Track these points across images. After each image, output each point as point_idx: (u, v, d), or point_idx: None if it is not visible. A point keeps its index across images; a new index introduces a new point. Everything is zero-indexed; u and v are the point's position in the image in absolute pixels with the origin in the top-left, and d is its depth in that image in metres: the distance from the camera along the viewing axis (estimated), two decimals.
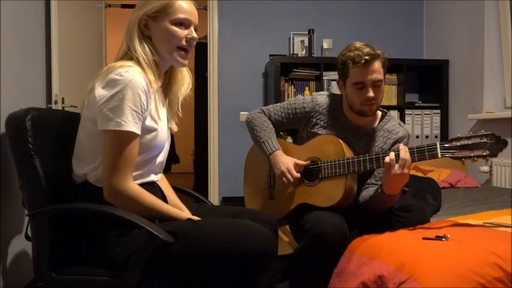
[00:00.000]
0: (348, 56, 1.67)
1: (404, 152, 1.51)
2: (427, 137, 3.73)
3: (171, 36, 1.36)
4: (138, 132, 1.27)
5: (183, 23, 1.37)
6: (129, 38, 1.36)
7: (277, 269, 1.36)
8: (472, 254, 1.20)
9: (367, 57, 1.63)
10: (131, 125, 1.24)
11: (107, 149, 1.26)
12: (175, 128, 1.51)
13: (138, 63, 1.33)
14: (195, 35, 1.40)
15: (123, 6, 4.48)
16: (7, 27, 1.89)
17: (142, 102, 1.26)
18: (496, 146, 1.38)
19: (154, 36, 1.37)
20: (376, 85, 1.67)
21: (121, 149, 1.24)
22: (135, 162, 1.29)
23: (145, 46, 1.35)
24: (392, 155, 1.53)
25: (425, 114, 3.74)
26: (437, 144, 1.47)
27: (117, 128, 1.23)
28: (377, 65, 1.65)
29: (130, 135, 1.25)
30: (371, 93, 1.66)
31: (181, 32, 1.37)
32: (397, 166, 1.50)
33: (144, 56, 1.33)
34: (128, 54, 1.35)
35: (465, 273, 1.12)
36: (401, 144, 1.66)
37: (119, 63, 1.31)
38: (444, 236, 1.35)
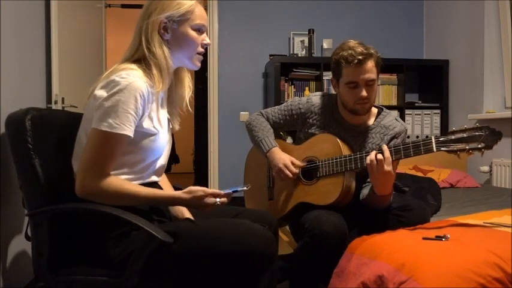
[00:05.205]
0: (341, 56, 1.67)
1: (384, 150, 1.54)
2: (427, 137, 3.72)
3: (191, 42, 1.38)
4: (130, 134, 1.26)
5: (201, 29, 1.39)
6: (146, 40, 1.34)
7: (277, 269, 1.36)
8: (472, 254, 1.20)
9: (360, 57, 1.63)
10: (124, 127, 1.24)
11: (91, 146, 1.25)
12: (177, 127, 1.52)
13: (146, 66, 1.33)
14: (209, 40, 1.43)
15: (123, 6, 4.50)
16: (7, 27, 1.89)
17: (138, 106, 1.26)
18: (491, 138, 1.37)
19: (173, 40, 1.37)
20: (369, 84, 1.67)
21: (105, 150, 1.24)
22: (114, 163, 1.27)
23: (164, 50, 1.35)
24: (372, 155, 1.54)
25: (425, 114, 3.74)
26: (433, 138, 1.47)
27: (108, 130, 1.23)
28: (370, 64, 1.65)
29: (119, 138, 1.24)
30: (364, 93, 1.67)
31: (199, 38, 1.39)
32: (378, 165, 1.53)
33: (163, 60, 1.33)
34: (137, 55, 1.35)
35: (465, 273, 1.12)
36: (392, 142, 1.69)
37: (123, 66, 1.31)
38: (444, 236, 1.35)
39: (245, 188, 1.42)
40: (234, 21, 3.88)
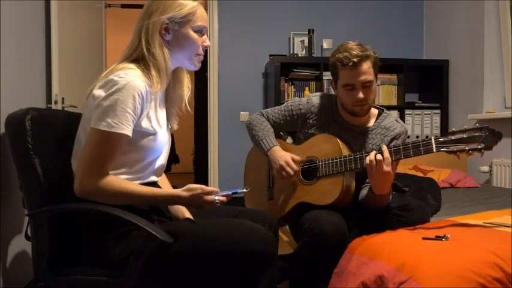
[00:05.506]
0: (337, 58, 1.68)
1: (383, 150, 1.54)
2: (427, 137, 3.73)
3: (192, 44, 1.38)
4: (129, 133, 1.26)
5: (202, 31, 1.39)
6: (146, 41, 1.33)
7: (277, 269, 1.36)
8: (472, 254, 1.20)
9: (355, 60, 1.63)
10: (122, 127, 1.23)
11: (90, 145, 1.25)
12: (175, 126, 1.51)
13: (144, 66, 1.32)
14: (209, 42, 1.43)
15: (123, 6, 4.50)
16: (7, 27, 1.89)
17: (136, 106, 1.26)
18: (490, 139, 1.37)
19: (174, 41, 1.37)
20: (366, 86, 1.67)
21: (104, 149, 1.24)
22: (113, 162, 1.27)
23: (164, 51, 1.34)
24: (372, 155, 1.55)
25: (425, 114, 3.74)
26: (432, 139, 1.47)
27: (107, 129, 1.23)
28: (366, 66, 1.65)
29: (118, 137, 1.24)
30: (361, 95, 1.67)
31: (199, 40, 1.39)
32: (377, 165, 1.53)
33: (162, 62, 1.33)
34: (135, 55, 1.35)
35: (465, 273, 1.12)
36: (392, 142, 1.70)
37: (121, 65, 1.31)
38: (444, 236, 1.35)
39: (244, 189, 1.42)
40: (234, 21, 3.88)
